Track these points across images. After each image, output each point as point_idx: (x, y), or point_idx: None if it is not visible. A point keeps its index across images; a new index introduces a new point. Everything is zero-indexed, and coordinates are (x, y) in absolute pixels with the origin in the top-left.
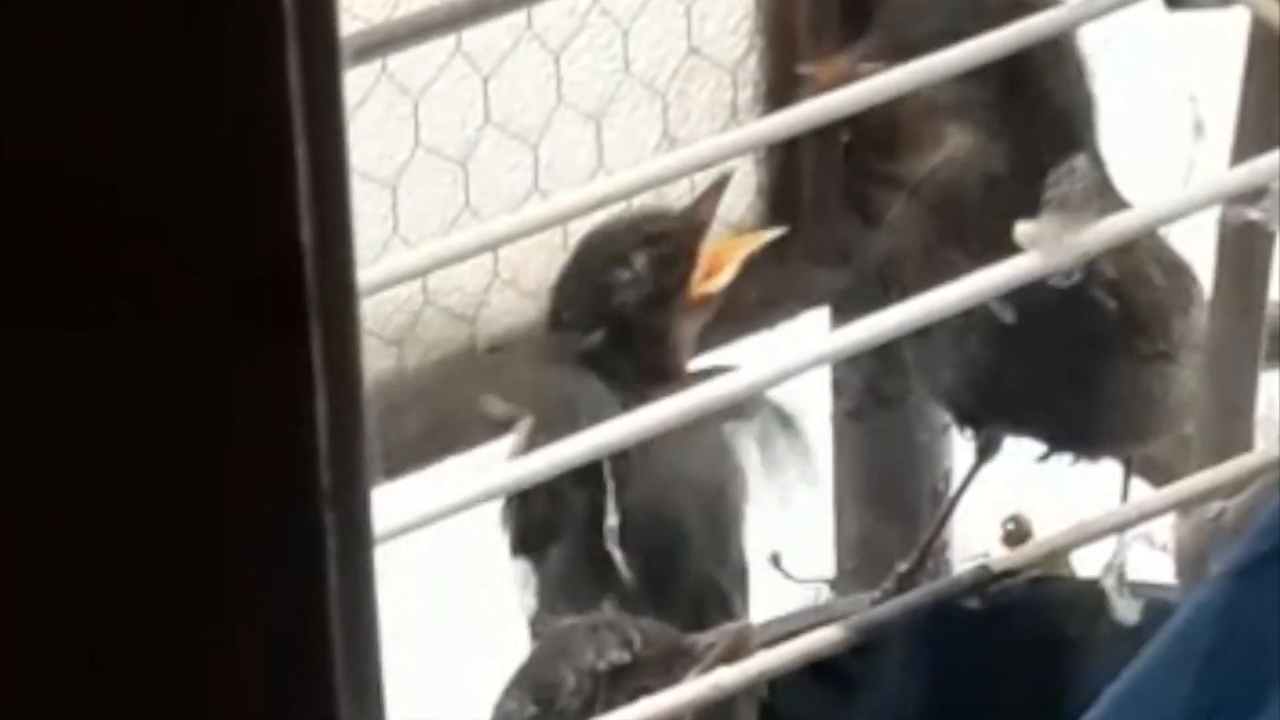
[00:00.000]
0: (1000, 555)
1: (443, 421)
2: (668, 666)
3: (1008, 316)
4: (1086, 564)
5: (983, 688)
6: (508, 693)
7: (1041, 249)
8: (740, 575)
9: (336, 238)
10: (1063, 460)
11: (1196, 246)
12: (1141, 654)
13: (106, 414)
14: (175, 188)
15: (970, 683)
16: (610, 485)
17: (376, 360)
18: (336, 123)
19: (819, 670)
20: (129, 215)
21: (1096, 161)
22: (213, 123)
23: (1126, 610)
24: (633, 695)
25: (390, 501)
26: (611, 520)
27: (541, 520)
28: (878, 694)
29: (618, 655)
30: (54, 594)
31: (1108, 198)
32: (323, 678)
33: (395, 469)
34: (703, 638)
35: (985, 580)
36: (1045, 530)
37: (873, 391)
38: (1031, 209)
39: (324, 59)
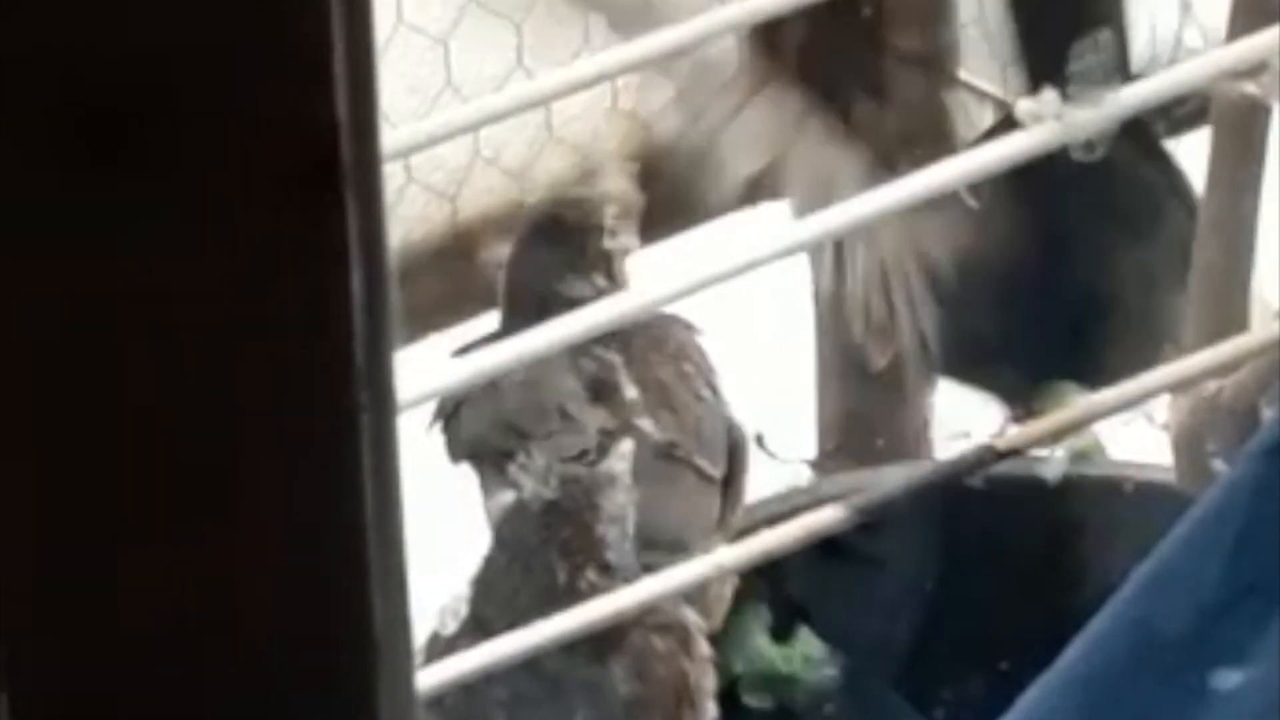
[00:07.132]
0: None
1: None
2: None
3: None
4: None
5: (991, 567)
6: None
7: (1042, 125)
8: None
9: (367, 116)
10: None
11: None
12: (1170, 534)
13: (151, 293)
14: (217, 67)
15: (978, 562)
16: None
17: None
18: (365, 4)
19: (825, 549)
20: (179, 101)
21: (1121, 36)
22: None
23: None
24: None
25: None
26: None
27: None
28: (887, 571)
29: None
30: (87, 467)
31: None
32: (356, 558)
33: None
34: None
35: (989, 459)
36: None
37: None
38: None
39: None
